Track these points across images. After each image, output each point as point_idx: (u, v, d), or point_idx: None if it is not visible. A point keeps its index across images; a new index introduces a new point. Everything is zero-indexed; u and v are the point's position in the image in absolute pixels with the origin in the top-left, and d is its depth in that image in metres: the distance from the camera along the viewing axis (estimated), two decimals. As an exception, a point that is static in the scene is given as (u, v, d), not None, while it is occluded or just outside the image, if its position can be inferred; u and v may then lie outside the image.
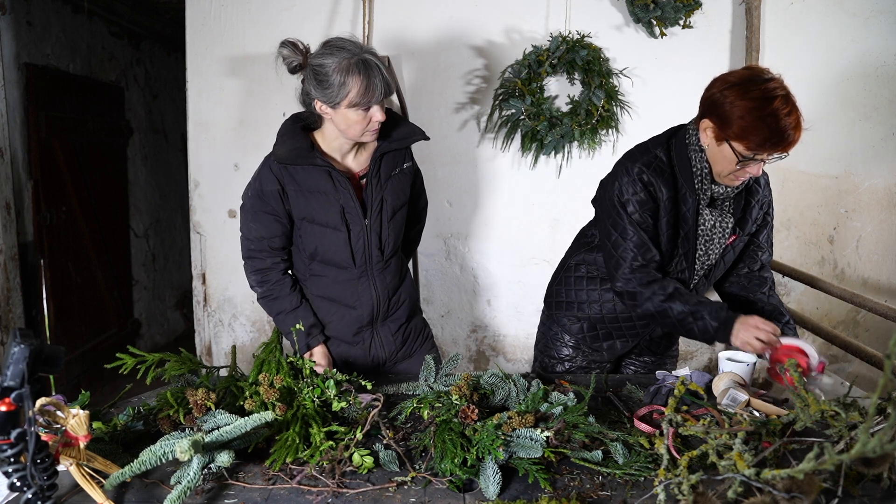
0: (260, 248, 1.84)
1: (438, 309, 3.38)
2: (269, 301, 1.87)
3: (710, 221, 1.80)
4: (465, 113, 3.22)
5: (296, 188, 1.76)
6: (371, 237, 1.83)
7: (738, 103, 1.59)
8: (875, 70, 3.14)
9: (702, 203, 1.78)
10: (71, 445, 1.19)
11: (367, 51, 1.63)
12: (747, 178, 1.72)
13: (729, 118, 1.61)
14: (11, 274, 3.47)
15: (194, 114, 3.28)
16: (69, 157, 4.09)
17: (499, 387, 1.59)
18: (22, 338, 1.08)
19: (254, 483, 1.27)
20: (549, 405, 1.47)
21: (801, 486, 1.02)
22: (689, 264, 1.86)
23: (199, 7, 3.21)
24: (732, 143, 1.62)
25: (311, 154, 1.73)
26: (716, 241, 1.83)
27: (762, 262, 1.96)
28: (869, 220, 3.27)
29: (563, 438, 1.35)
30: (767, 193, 1.90)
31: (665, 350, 2.14)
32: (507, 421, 1.35)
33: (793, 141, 1.58)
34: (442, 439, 1.32)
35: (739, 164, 1.65)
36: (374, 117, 1.66)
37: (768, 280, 1.97)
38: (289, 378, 1.53)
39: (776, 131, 1.56)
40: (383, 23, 3.13)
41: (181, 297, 5.69)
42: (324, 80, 1.62)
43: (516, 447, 1.30)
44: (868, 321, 3.31)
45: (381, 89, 1.61)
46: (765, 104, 1.56)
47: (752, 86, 1.59)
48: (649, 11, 2.96)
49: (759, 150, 1.60)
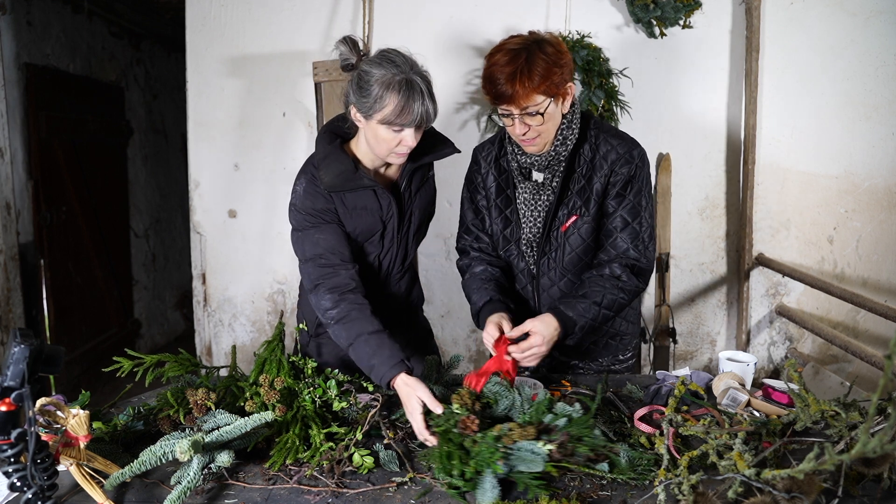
0: (332, 263, 1.65)
1: (438, 309, 3.38)
2: (346, 324, 1.59)
3: (523, 194, 1.76)
4: (465, 113, 3.22)
5: (343, 209, 1.70)
6: (398, 250, 1.81)
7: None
8: (875, 70, 3.14)
9: (516, 176, 1.76)
10: (71, 445, 1.19)
11: (418, 73, 1.55)
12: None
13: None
14: (11, 274, 3.46)
15: (194, 114, 3.28)
16: (69, 157, 4.09)
17: (503, 395, 1.49)
18: (22, 338, 1.08)
19: (254, 483, 1.27)
20: (553, 416, 1.38)
21: (801, 486, 1.02)
22: (515, 240, 1.80)
23: (199, 7, 3.21)
24: (486, 97, 1.66)
25: (356, 176, 1.65)
26: (534, 216, 1.76)
27: (607, 261, 1.69)
28: (869, 220, 3.27)
29: (566, 452, 1.27)
30: (625, 171, 1.67)
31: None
32: (508, 433, 1.28)
33: (507, 94, 1.54)
34: (439, 450, 1.28)
35: (501, 120, 1.66)
36: (405, 141, 1.57)
37: (599, 289, 1.64)
38: (289, 378, 1.53)
39: (489, 80, 1.58)
40: (383, 23, 3.13)
41: (181, 297, 5.68)
42: (364, 88, 1.55)
43: (516, 461, 1.24)
44: (868, 321, 3.31)
45: (418, 114, 1.52)
46: (491, 56, 1.59)
47: (500, 42, 1.62)
48: (649, 11, 2.96)
49: (493, 101, 1.61)
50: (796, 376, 1.46)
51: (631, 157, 1.67)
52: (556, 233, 1.73)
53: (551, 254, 1.76)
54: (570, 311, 1.60)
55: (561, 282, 1.78)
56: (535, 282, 1.82)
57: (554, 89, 1.55)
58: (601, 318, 1.64)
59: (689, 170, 3.26)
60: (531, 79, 1.52)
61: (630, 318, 1.94)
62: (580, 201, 1.70)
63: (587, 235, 1.72)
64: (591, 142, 1.70)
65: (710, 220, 3.31)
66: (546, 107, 1.56)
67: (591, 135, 1.71)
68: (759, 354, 3.37)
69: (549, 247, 1.75)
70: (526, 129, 1.60)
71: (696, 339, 3.42)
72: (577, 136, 1.69)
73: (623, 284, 1.66)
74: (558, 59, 1.56)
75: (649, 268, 1.71)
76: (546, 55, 1.54)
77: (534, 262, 1.80)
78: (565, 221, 1.71)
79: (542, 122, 1.58)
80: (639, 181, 1.68)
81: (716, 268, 3.35)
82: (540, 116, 1.57)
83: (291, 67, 3.20)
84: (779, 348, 3.39)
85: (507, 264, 1.87)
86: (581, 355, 1.92)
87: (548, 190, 1.73)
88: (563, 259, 1.75)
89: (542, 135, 1.62)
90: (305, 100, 3.20)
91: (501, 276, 1.82)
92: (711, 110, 3.22)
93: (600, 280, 1.66)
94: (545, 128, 1.60)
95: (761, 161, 3.21)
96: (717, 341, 3.41)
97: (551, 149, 1.68)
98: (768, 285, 3.32)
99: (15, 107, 3.58)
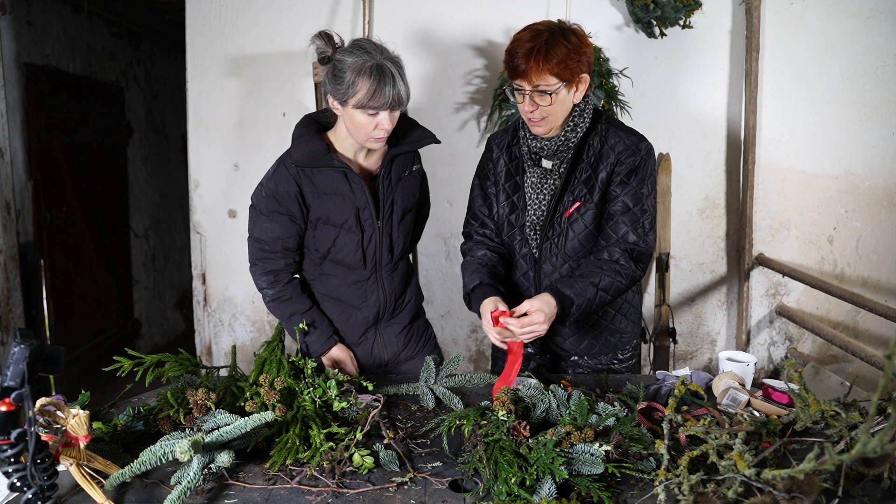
0: (273, 249, 1.82)
1: (438, 309, 3.38)
2: (281, 303, 1.85)
3: (531, 178, 1.80)
4: (465, 113, 3.22)
5: (312, 189, 1.76)
6: (382, 239, 1.84)
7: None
8: (875, 70, 3.14)
9: (526, 161, 1.80)
10: (71, 445, 1.19)
11: (388, 58, 1.63)
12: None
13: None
14: (11, 274, 3.46)
15: (194, 114, 3.28)
16: (69, 157, 4.09)
17: (539, 399, 1.51)
18: (22, 338, 1.08)
19: (254, 483, 1.27)
20: (599, 417, 1.41)
21: (801, 487, 1.02)
22: (519, 225, 1.84)
23: (199, 7, 3.21)
24: (504, 71, 1.71)
25: (327, 156, 1.73)
26: (540, 199, 1.79)
27: (606, 245, 1.74)
28: (869, 220, 3.27)
29: (623, 452, 1.29)
30: (630, 160, 1.71)
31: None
32: (566, 437, 1.30)
33: (521, 68, 1.61)
34: (494, 459, 1.25)
35: (513, 96, 1.70)
36: (381, 125, 1.65)
37: (596, 271, 1.68)
38: (290, 378, 1.53)
39: (509, 53, 1.64)
40: (383, 23, 3.13)
41: (181, 297, 5.69)
42: (338, 76, 1.64)
43: (577, 464, 1.24)
44: (868, 321, 3.31)
45: (389, 97, 1.60)
46: (518, 33, 1.65)
47: (530, 24, 1.69)
48: (649, 11, 2.96)
49: (509, 75, 1.67)
50: (796, 376, 1.46)
51: (638, 149, 1.72)
52: (559, 218, 1.77)
53: (554, 239, 1.79)
54: (568, 290, 1.64)
55: (562, 268, 1.81)
56: (536, 266, 1.84)
57: (567, 74, 1.61)
58: (598, 300, 1.67)
59: (689, 170, 3.26)
60: (547, 59, 1.59)
61: (630, 315, 1.95)
62: (585, 189, 1.74)
63: (590, 222, 1.76)
64: (600, 134, 1.75)
65: (710, 220, 3.31)
66: (557, 89, 1.62)
67: (602, 127, 1.76)
68: (759, 354, 3.37)
69: (552, 231, 1.79)
70: (534, 108, 1.65)
71: (696, 339, 3.42)
72: (587, 125, 1.74)
73: (620, 268, 1.70)
74: (579, 48, 1.62)
75: (648, 253, 1.75)
76: (568, 42, 1.61)
77: (536, 245, 1.83)
78: (570, 207, 1.76)
79: (551, 103, 1.63)
80: (643, 171, 1.73)
81: (716, 268, 3.35)
82: (549, 97, 1.62)
83: (291, 67, 3.20)
84: (779, 348, 3.39)
85: (509, 252, 1.90)
86: (581, 351, 1.93)
87: (555, 175, 1.77)
88: (565, 244, 1.79)
89: (548, 117, 1.67)
90: (305, 100, 3.21)
91: (499, 262, 1.86)
92: (711, 110, 3.22)
93: (598, 263, 1.71)
94: (553, 110, 1.65)
95: (761, 161, 3.21)
96: (717, 341, 3.41)
97: (561, 134, 1.73)
98: (768, 285, 3.32)
99: (15, 107, 3.58)
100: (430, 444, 1.43)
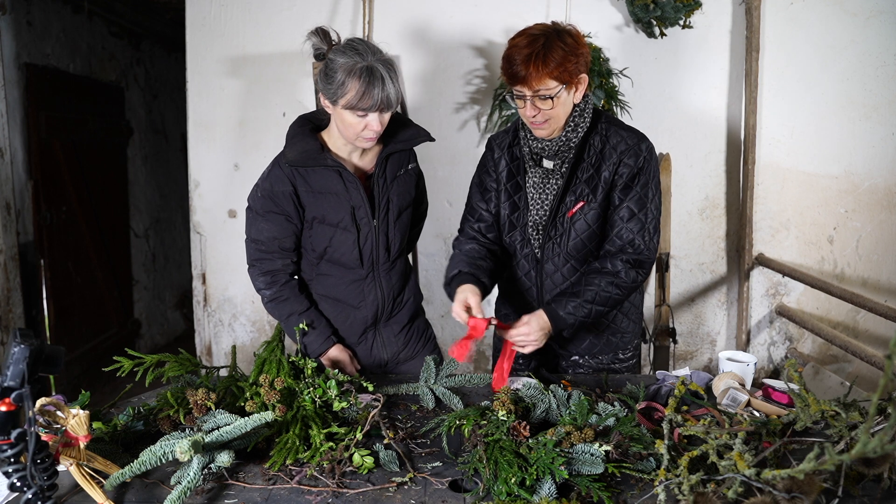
0: (270, 250, 1.82)
1: (438, 309, 3.38)
2: (279, 304, 1.85)
3: (533, 178, 1.80)
4: (465, 113, 3.22)
5: (307, 189, 1.76)
6: (379, 238, 1.84)
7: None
8: (875, 70, 3.14)
9: (527, 161, 1.81)
10: (71, 445, 1.19)
11: (380, 60, 1.62)
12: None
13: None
14: (11, 274, 3.46)
15: (194, 114, 3.28)
16: (69, 157, 4.09)
17: (539, 399, 1.52)
18: (22, 338, 1.08)
19: (254, 483, 1.26)
20: (599, 417, 1.41)
21: (801, 487, 1.02)
22: (521, 225, 1.84)
23: (199, 7, 3.21)
24: (503, 77, 1.70)
25: (321, 155, 1.74)
26: (542, 199, 1.80)
27: (610, 253, 1.74)
28: (869, 220, 3.27)
29: (623, 451, 1.29)
30: (632, 162, 1.71)
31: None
32: (566, 437, 1.30)
33: (520, 75, 1.60)
34: (494, 459, 1.25)
35: (514, 102, 1.71)
36: (370, 126, 1.65)
37: (593, 287, 1.69)
38: (290, 378, 1.53)
39: (506, 60, 1.64)
40: (383, 23, 3.13)
41: (181, 297, 5.68)
42: (329, 76, 1.64)
43: (577, 464, 1.24)
44: (868, 321, 3.31)
45: (378, 99, 1.60)
46: (513, 38, 1.65)
47: (524, 28, 1.68)
48: (649, 11, 2.96)
49: (509, 82, 1.67)
50: (796, 376, 1.46)
51: (639, 150, 1.73)
52: (562, 217, 1.78)
53: (556, 238, 1.80)
54: (561, 310, 1.68)
55: (564, 267, 1.82)
56: (538, 266, 1.85)
57: (567, 77, 1.62)
58: (594, 314, 1.71)
59: (689, 170, 3.26)
60: (546, 63, 1.59)
61: (632, 315, 1.95)
62: (588, 189, 1.75)
63: (593, 222, 1.76)
64: (601, 133, 1.76)
65: (710, 220, 3.31)
66: (557, 92, 1.62)
67: (602, 127, 1.76)
68: (759, 354, 3.37)
69: (554, 231, 1.79)
70: (536, 112, 1.66)
71: (696, 339, 3.42)
72: (587, 125, 1.74)
73: (619, 281, 1.71)
74: (575, 49, 1.63)
75: (651, 259, 1.77)
76: (564, 44, 1.61)
77: (538, 245, 1.83)
78: (572, 207, 1.76)
79: (553, 106, 1.64)
80: (646, 174, 1.74)
81: (716, 268, 3.35)
82: (550, 101, 1.63)
83: (291, 67, 3.20)
84: (779, 348, 3.39)
85: (500, 248, 1.91)
86: (582, 350, 1.94)
87: (556, 175, 1.78)
88: (567, 244, 1.79)
89: (550, 120, 1.68)
90: (305, 100, 3.21)
91: (486, 255, 1.88)
92: (711, 110, 3.22)
93: (597, 276, 1.72)
94: (555, 112, 1.66)
95: (761, 161, 3.21)
96: (717, 341, 3.41)
97: (562, 135, 1.73)
98: (768, 285, 3.32)
99: (15, 107, 3.58)
100: (430, 444, 1.43)
